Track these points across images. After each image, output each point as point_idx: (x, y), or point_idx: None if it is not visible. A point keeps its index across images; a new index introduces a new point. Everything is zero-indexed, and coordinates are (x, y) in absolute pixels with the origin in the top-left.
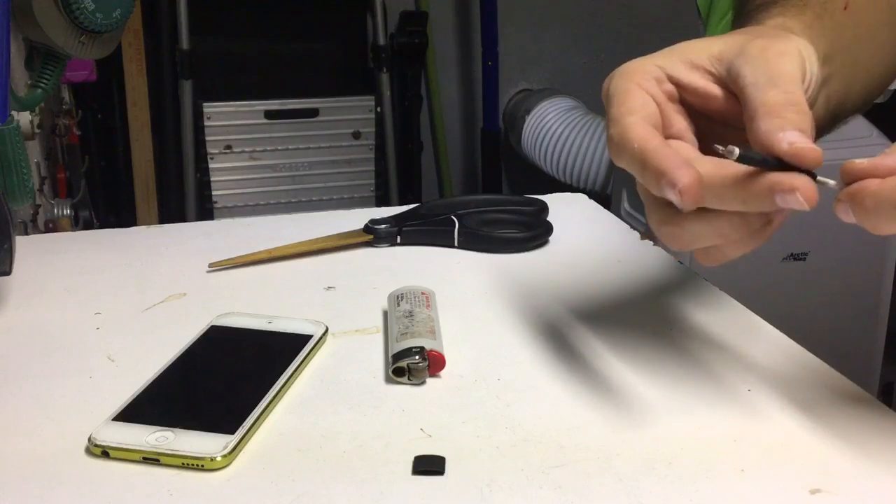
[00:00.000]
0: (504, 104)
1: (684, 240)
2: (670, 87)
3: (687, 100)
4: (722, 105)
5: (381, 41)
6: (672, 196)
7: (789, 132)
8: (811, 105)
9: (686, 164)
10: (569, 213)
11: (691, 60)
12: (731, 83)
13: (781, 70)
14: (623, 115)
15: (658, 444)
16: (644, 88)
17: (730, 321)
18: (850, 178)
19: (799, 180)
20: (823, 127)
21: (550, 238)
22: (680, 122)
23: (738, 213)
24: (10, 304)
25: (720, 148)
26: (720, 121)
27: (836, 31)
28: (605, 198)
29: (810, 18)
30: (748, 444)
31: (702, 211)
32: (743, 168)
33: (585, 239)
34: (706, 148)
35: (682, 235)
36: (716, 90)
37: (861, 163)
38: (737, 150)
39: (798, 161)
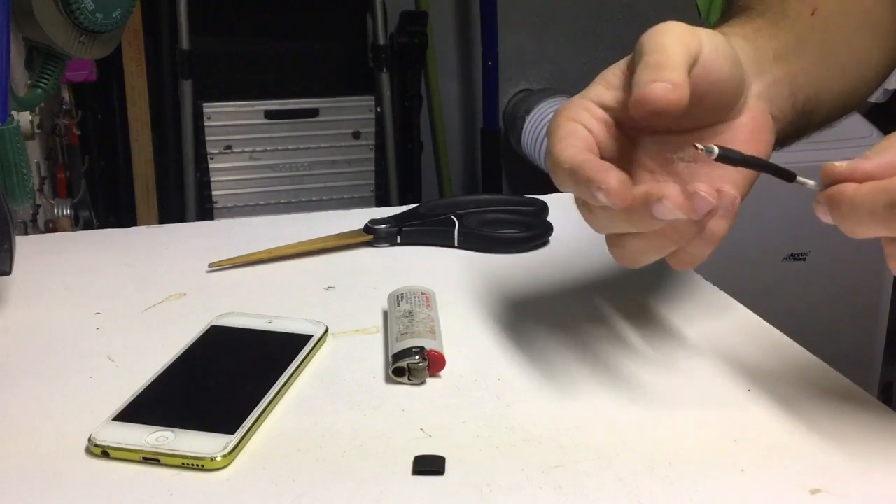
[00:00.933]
0: (504, 104)
1: (630, 258)
2: (601, 113)
3: (621, 118)
4: None
5: (381, 41)
6: (603, 198)
7: (642, 88)
8: (731, 86)
9: (612, 168)
10: (569, 213)
11: (608, 81)
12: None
13: (650, 46)
14: (554, 143)
15: (658, 444)
16: (573, 119)
17: (730, 321)
18: (828, 181)
19: (667, 189)
20: (798, 124)
21: (550, 238)
22: (613, 146)
23: (668, 226)
24: (10, 304)
25: (699, 147)
26: (673, 129)
27: (798, 34)
28: None
29: (761, 24)
30: (748, 444)
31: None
32: None
33: (585, 239)
34: (666, 160)
35: (626, 254)
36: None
37: (840, 165)
38: (716, 150)
39: (645, 102)
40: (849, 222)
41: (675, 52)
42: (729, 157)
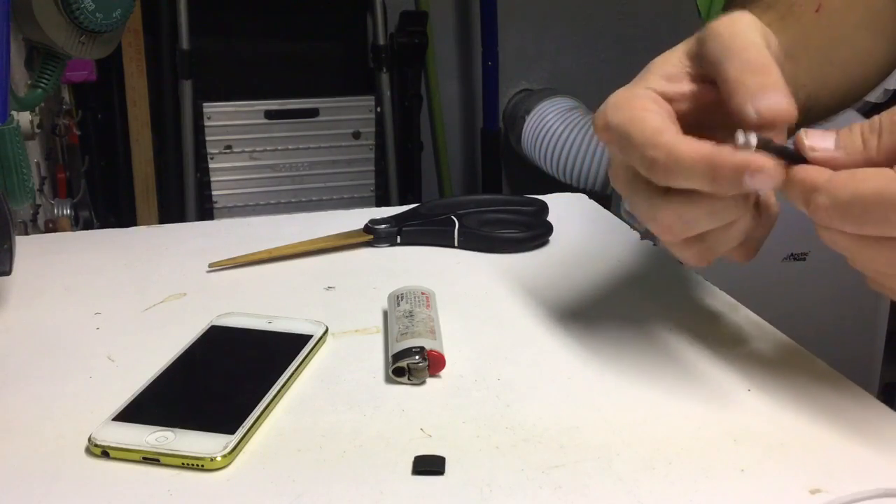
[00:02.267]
0: (504, 104)
1: (708, 253)
2: (666, 105)
3: (682, 111)
4: (715, 97)
5: (381, 41)
6: (756, 182)
7: (756, 100)
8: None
9: (753, 152)
10: (569, 213)
11: (668, 72)
12: (706, 72)
13: (738, 41)
14: (657, 135)
15: (658, 444)
16: (651, 111)
17: (730, 321)
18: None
19: (768, 162)
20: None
21: (550, 238)
22: None
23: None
24: (10, 304)
25: (740, 136)
26: (721, 121)
27: (804, 30)
28: (605, 198)
29: (771, 18)
30: (748, 444)
31: (690, 193)
32: (717, 148)
33: (585, 239)
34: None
35: (704, 251)
36: (702, 87)
37: (813, 142)
38: (754, 139)
39: (767, 119)
40: (825, 215)
41: (764, 48)
42: (768, 147)
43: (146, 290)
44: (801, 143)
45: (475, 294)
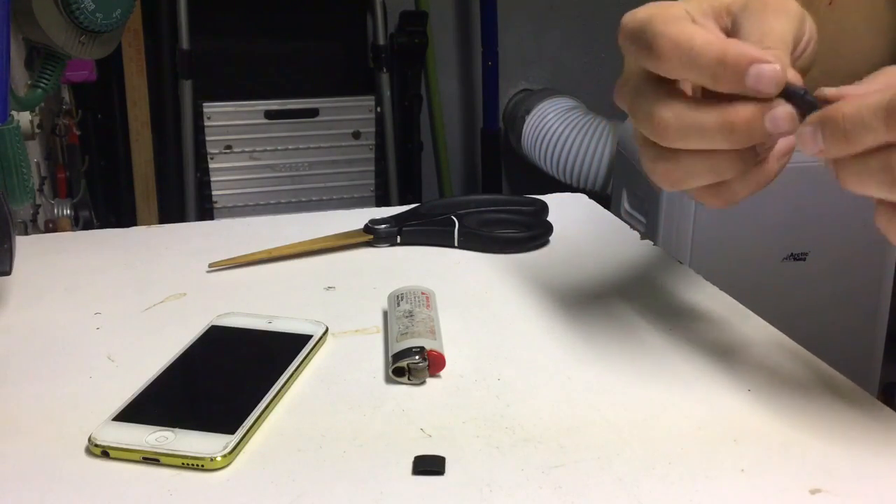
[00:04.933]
0: (504, 104)
1: (676, 176)
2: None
3: None
4: None
5: (381, 41)
6: (767, 79)
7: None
8: (807, 66)
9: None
10: (569, 213)
11: (704, 9)
12: (733, 35)
13: (773, 26)
14: (671, 23)
15: (658, 444)
16: (674, 11)
17: (730, 321)
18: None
19: (776, 64)
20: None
21: (550, 238)
22: None
23: (725, 112)
24: (10, 304)
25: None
26: None
27: (819, 22)
28: (605, 198)
29: (801, 3)
30: (748, 444)
31: (694, 100)
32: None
33: (585, 239)
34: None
35: (674, 172)
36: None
37: (830, 89)
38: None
39: (759, 81)
40: (843, 136)
41: (789, 41)
42: (791, 93)
43: (146, 290)
44: (821, 94)
45: (475, 294)
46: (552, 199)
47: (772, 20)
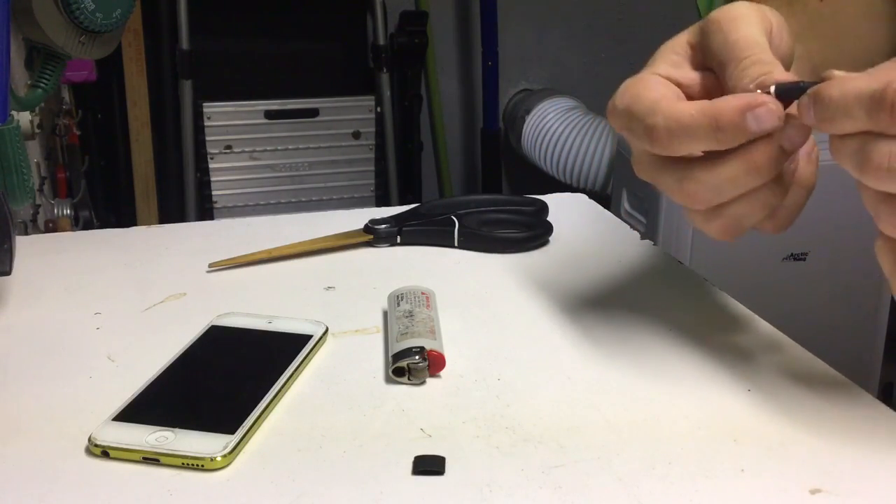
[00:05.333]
0: (504, 104)
1: (734, 226)
2: (676, 89)
3: (690, 96)
4: (718, 86)
5: (381, 41)
6: (766, 117)
7: (757, 81)
8: (788, 62)
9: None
10: (569, 213)
11: (672, 60)
12: (707, 61)
13: (738, 36)
14: (657, 103)
15: (658, 444)
16: (656, 89)
17: (729, 321)
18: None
19: (766, 97)
20: None
21: (550, 238)
22: None
23: (744, 158)
24: (10, 304)
25: (759, 91)
26: None
27: (810, 18)
28: (605, 198)
29: (778, 3)
30: (748, 444)
31: (712, 160)
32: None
33: (585, 239)
34: None
35: (729, 223)
36: (705, 75)
37: (833, 72)
38: (772, 87)
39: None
40: (830, 111)
41: (766, 44)
42: (788, 89)
43: (146, 290)
44: (828, 76)
45: (475, 294)
46: (552, 199)
47: (733, 32)
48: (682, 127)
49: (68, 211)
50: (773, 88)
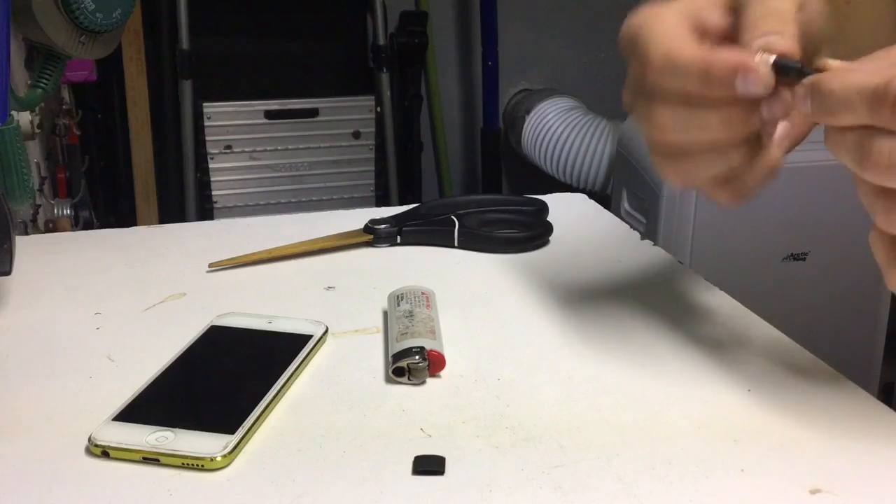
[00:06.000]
0: (504, 104)
1: (688, 173)
2: (693, 29)
3: (711, 41)
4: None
5: (381, 41)
6: (753, 84)
7: (762, 38)
8: (817, 44)
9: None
10: (569, 213)
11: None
12: (740, 16)
13: (775, 3)
14: (661, 36)
15: (658, 444)
16: (664, 21)
17: (730, 321)
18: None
19: (760, 65)
20: None
21: (550, 238)
22: None
23: (721, 108)
24: (10, 304)
25: (757, 56)
26: None
27: (838, 19)
28: (605, 198)
29: (818, 3)
30: (748, 444)
31: (689, 99)
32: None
33: (585, 239)
34: None
35: (685, 168)
36: (732, 24)
37: (829, 61)
38: (771, 58)
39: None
40: (830, 104)
41: (791, 2)
42: (785, 66)
43: (146, 290)
44: (822, 66)
45: (475, 294)
46: (552, 199)
47: (767, 2)
48: (676, 65)
49: (68, 211)
50: (772, 59)
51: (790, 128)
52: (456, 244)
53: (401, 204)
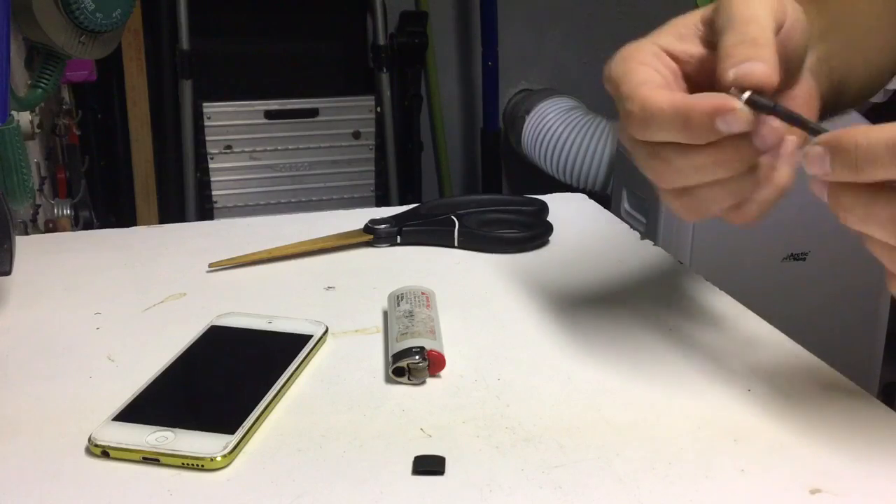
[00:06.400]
0: (504, 104)
1: (698, 208)
2: (670, 62)
3: (688, 72)
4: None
5: (381, 41)
6: (729, 125)
7: (737, 68)
8: (799, 57)
9: (728, 95)
10: (569, 213)
11: (680, 32)
12: (714, 39)
13: (741, 12)
14: (637, 87)
15: (658, 444)
16: (646, 64)
17: (730, 321)
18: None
19: (736, 102)
20: (830, 105)
21: (550, 238)
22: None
23: (713, 151)
24: (10, 304)
25: (733, 91)
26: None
27: (833, 15)
28: (605, 198)
29: (794, 12)
30: (748, 444)
31: (683, 145)
32: (689, 98)
33: (585, 239)
34: None
35: (694, 204)
36: (710, 53)
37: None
38: (746, 93)
39: (743, 81)
40: (853, 166)
41: (768, 25)
42: (758, 104)
43: (146, 290)
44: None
45: (475, 294)
46: (552, 199)
47: (741, 9)
48: (654, 118)
49: (68, 211)
50: (745, 96)
51: (799, 141)
52: (456, 244)
53: (401, 204)
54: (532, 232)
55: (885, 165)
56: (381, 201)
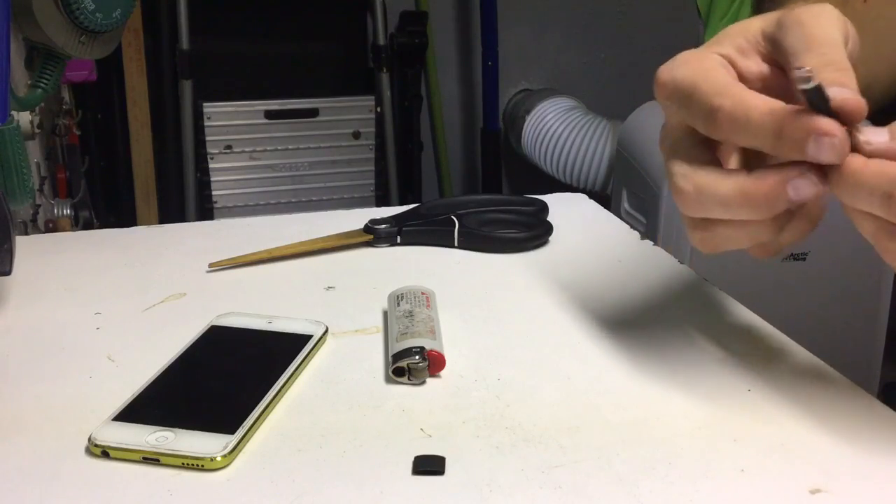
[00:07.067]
0: (504, 104)
1: (716, 244)
2: (734, 72)
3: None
4: (782, 84)
5: (381, 41)
6: (821, 150)
7: (832, 90)
8: (854, 61)
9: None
10: (569, 213)
11: (740, 45)
12: (777, 57)
13: (817, 33)
14: (728, 86)
15: (658, 444)
16: (724, 69)
17: (730, 321)
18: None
19: (837, 129)
20: None
21: (550, 238)
22: None
23: (744, 186)
24: (10, 304)
25: (797, 72)
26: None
27: (856, 22)
28: (605, 198)
29: (835, 3)
30: (748, 444)
31: (717, 170)
32: (786, 109)
33: (585, 239)
34: None
35: (712, 239)
36: (772, 70)
37: (868, 137)
38: (814, 82)
39: (842, 112)
40: (845, 193)
41: (842, 47)
42: (818, 94)
43: (146, 290)
44: (855, 138)
45: (475, 294)
46: (552, 199)
47: (813, 28)
48: (749, 119)
49: (68, 211)
50: (811, 84)
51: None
52: (456, 244)
53: (401, 204)
54: (532, 232)
55: (871, 204)
56: (381, 201)
